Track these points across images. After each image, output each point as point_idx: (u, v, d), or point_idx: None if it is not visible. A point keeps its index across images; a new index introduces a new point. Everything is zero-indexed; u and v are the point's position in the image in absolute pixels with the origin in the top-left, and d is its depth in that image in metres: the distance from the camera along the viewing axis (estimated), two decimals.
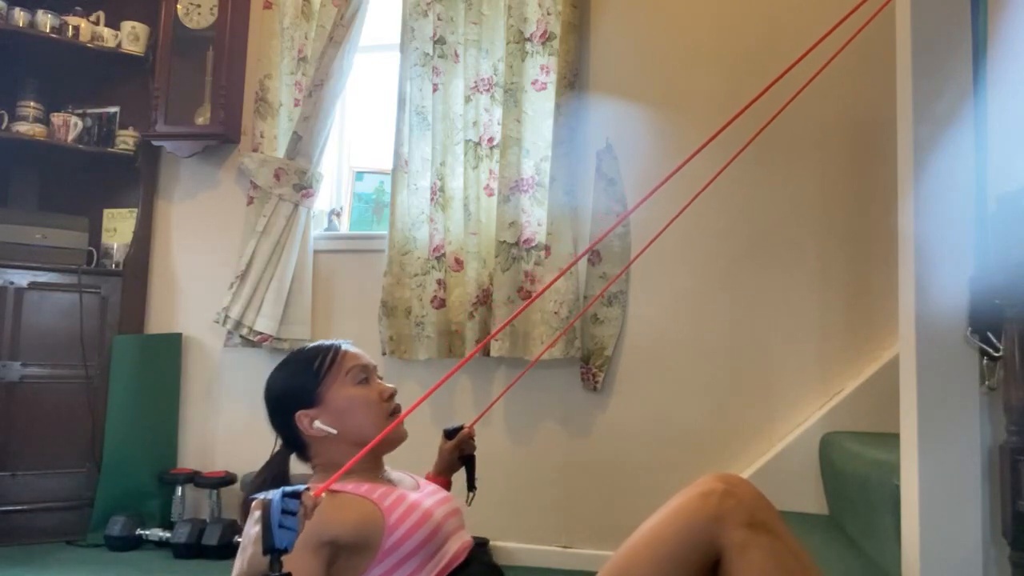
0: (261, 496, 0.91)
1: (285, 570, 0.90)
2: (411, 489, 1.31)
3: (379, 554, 1.16)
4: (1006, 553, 1.19)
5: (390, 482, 1.31)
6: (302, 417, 1.28)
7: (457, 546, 1.27)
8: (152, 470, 2.91)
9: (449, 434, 1.59)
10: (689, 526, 1.11)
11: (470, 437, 1.60)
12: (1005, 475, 1.18)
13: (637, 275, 2.63)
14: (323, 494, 0.95)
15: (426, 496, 1.29)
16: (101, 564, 2.56)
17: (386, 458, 1.35)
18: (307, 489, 0.92)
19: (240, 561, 1.03)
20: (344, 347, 1.34)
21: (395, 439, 1.31)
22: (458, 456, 1.59)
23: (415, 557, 1.18)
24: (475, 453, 1.60)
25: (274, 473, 1.32)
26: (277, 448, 1.35)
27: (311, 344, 1.36)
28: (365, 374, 1.32)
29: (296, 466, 1.35)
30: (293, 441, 1.32)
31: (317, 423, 1.27)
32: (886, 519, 1.56)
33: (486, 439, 2.68)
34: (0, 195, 3.17)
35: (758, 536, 1.10)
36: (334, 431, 1.26)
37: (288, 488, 0.92)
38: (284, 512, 0.90)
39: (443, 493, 1.37)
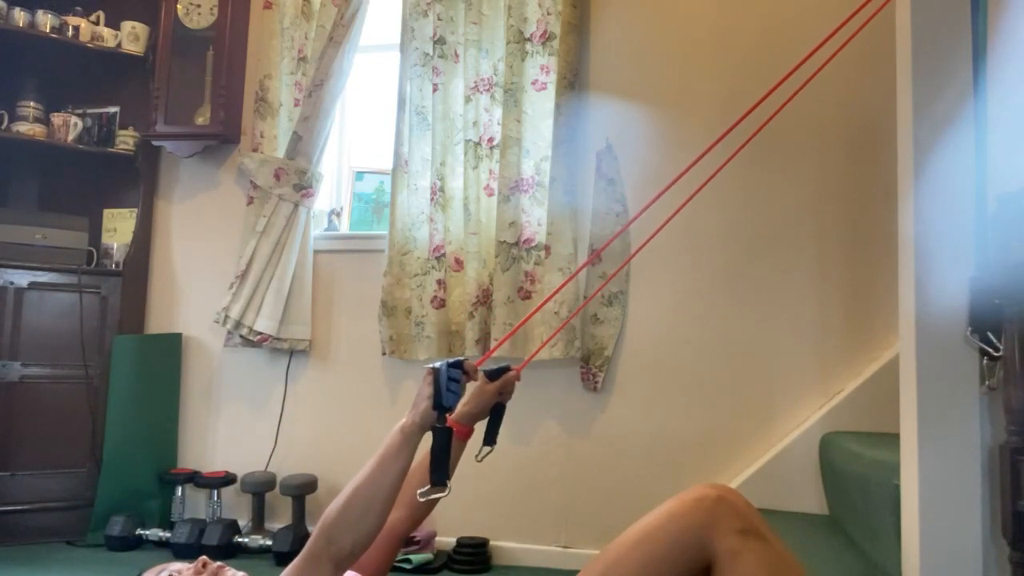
0: (432, 365, 1.18)
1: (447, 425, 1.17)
2: None
3: None
4: (1006, 553, 1.19)
5: None
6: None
7: None
8: (152, 470, 2.91)
9: (492, 376, 1.45)
10: (682, 529, 1.12)
11: (513, 382, 1.48)
12: (1005, 475, 1.18)
13: (637, 275, 2.63)
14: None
15: None
16: (101, 564, 2.56)
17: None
18: (466, 359, 1.21)
19: (411, 414, 1.19)
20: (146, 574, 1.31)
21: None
22: (494, 403, 1.47)
23: None
24: (507, 404, 1.50)
25: None
26: None
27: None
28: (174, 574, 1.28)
29: None
30: None
31: None
32: (886, 519, 1.56)
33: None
34: (0, 195, 3.17)
35: (750, 543, 1.10)
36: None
37: (451, 359, 1.19)
38: (450, 379, 1.16)
39: None
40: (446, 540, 2.64)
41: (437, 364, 1.18)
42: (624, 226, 2.62)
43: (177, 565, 1.30)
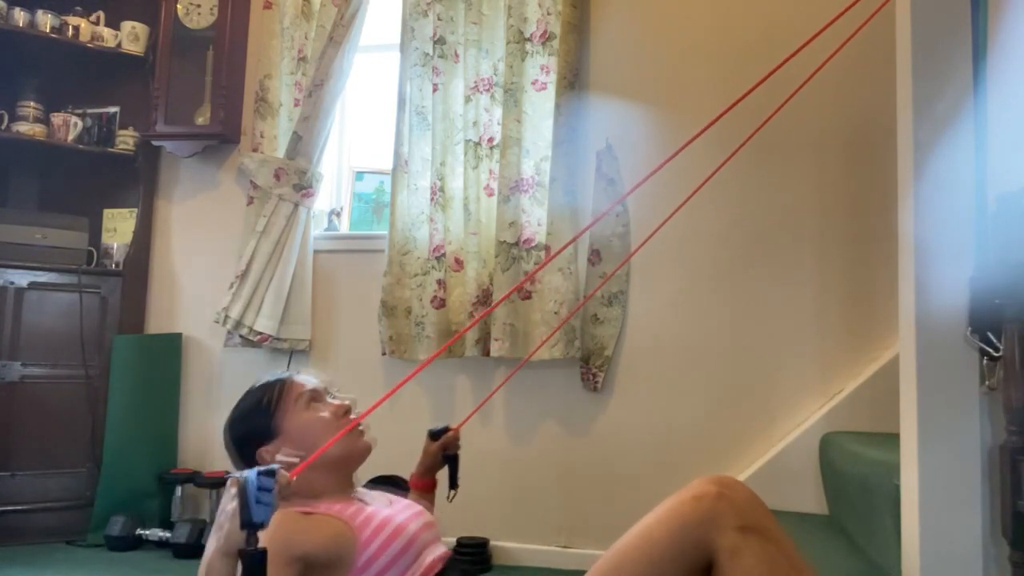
0: (236, 474, 0.94)
1: (261, 546, 0.92)
2: (383, 506, 1.33)
3: (353, 570, 1.19)
4: (1006, 553, 1.19)
5: (361, 501, 1.33)
6: (264, 453, 1.30)
7: (431, 558, 1.29)
8: (152, 470, 2.91)
9: (434, 435, 1.61)
10: (681, 527, 1.11)
11: (455, 439, 1.62)
12: (1005, 475, 1.18)
13: (637, 275, 2.63)
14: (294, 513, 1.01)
15: (399, 512, 1.32)
16: (101, 564, 2.56)
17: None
18: (279, 468, 0.96)
19: (216, 538, 1.01)
20: (292, 377, 1.37)
21: (356, 452, 1.34)
22: (442, 456, 1.62)
23: (391, 570, 1.21)
24: (458, 453, 1.63)
25: None
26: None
27: (259, 383, 1.39)
28: (314, 396, 1.35)
29: None
30: None
31: (279, 455, 1.28)
32: (886, 519, 1.56)
33: (486, 439, 2.69)
34: (0, 195, 3.17)
35: (750, 540, 1.09)
36: (296, 459, 1.25)
37: (262, 467, 0.95)
38: (260, 489, 0.93)
39: (416, 508, 1.38)
40: (446, 540, 2.62)
41: (244, 473, 0.95)
42: (616, 201, 2.61)
43: (321, 388, 1.37)
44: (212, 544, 1.02)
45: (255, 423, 1.33)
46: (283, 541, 1.10)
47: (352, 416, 1.37)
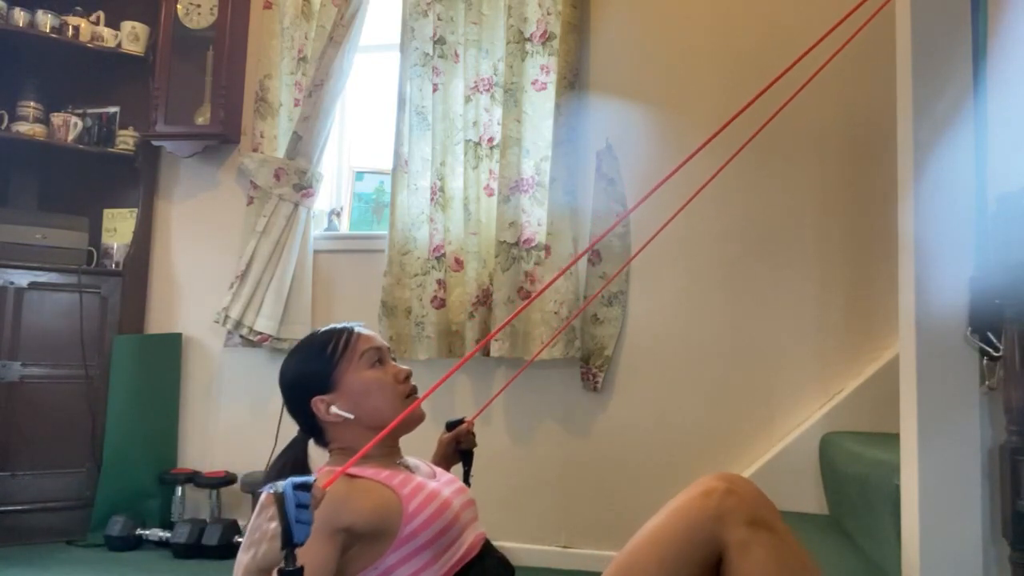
0: (269, 489, 0.89)
1: (299, 563, 0.88)
2: (428, 477, 1.30)
3: (395, 542, 1.14)
4: (1006, 553, 1.19)
5: (408, 468, 1.29)
6: (318, 403, 1.26)
7: (472, 538, 1.26)
8: (152, 470, 2.91)
9: (450, 426, 1.59)
10: (691, 525, 1.12)
11: (470, 432, 1.59)
12: (1005, 475, 1.18)
13: (637, 275, 2.64)
14: (338, 478, 0.96)
15: (444, 485, 1.28)
16: (101, 564, 2.56)
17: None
18: (315, 480, 0.90)
19: (249, 556, 0.97)
20: (357, 330, 1.33)
21: (412, 421, 1.29)
22: (456, 449, 1.58)
23: (431, 547, 1.17)
24: (474, 449, 1.60)
25: (293, 458, 1.30)
26: (296, 435, 1.33)
27: (324, 328, 1.34)
28: (379, 356, 1.32)
29: (314, 451, 1.34)
30: (310, 427, 1.31)
31: (334, 408, 1.25)
32: (886, 519, 1.56)
33: (486, 439, 2.67)
34: (0, 195, 3.17)
35: (759, 534, 1.10)
36: (351, 416, 1.25)
37: (297, 480, 0.89)
38: (299, 506, 0.89)
39: (459, 483, 1.35)
40: None
41: (279, 487, 0.89)
42: (620, 217, 2.62)
43: (385, 347, 1.35)
44: (244, 559, 0.98)
45: (315, 370, 1.28)
46: (330, 512, 1.05)
47: (411, 383, 1.33)
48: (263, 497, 0.95)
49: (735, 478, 1.17)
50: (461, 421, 1.59)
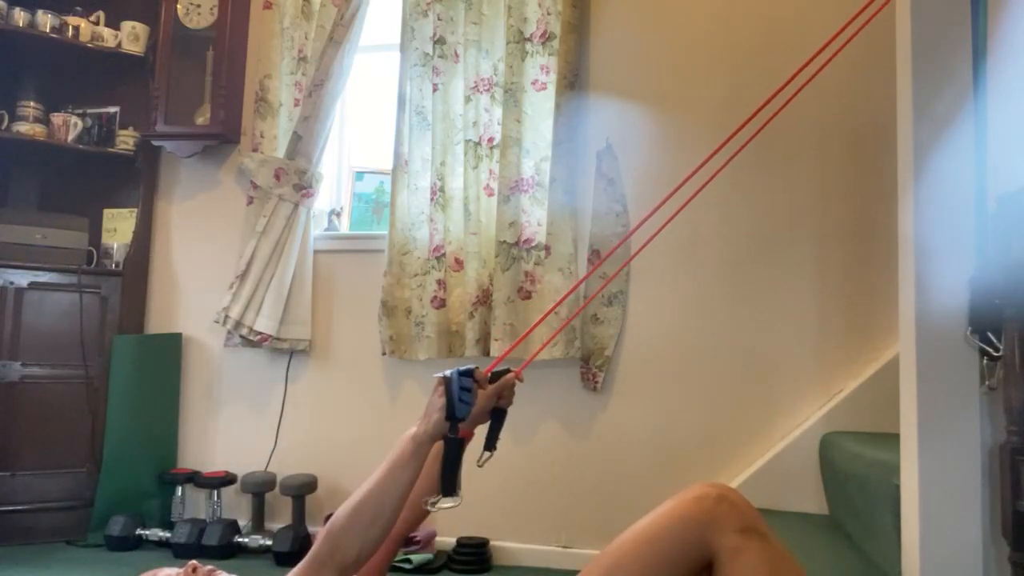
0: (441, 374, 1.18)
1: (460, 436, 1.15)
2: None
3: None
4: (1006, 553, 1.19)
5: None
6: None
7: None
8: (152, 470, 2.91)
9: (492, 376, 1.37)
10: (683, 529, 1.12)
11: (511, 385, 1.39)
12: (1005, 475, 1.18)
13: (637, 275, 2.63)
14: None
15: None
16: (101, 564, 2.56)
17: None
18: (476, 367, 1.21)
19: (424, 424, 1.20)
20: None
21: None
22: (492, 407, 1.39)
23: None
24: (507, 410, 1.43)
25: None
26: None
27: None
28: None
29: None
30: None
31: None
32: (886, 519, 1.56)
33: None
34: (0, 195, 3.17)
35: (751, 540, 1.10)
36: None
37: (462, 368, 1.18)
38: (462, 388, 1.17)
39: None
40: (446, 540, 2.64)
41: (448, 372, 1.17)
42: (630, 232, 2.61)
43: (168, 571, 1.28)
44: (419, 428, 1.21)
45: None
46: None
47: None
48: (437, 380, 1.20)
49: (726, 487, 1.18)
50: (506, 371, 1.39)
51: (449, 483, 1.20)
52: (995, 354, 1.26)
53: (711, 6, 2.64)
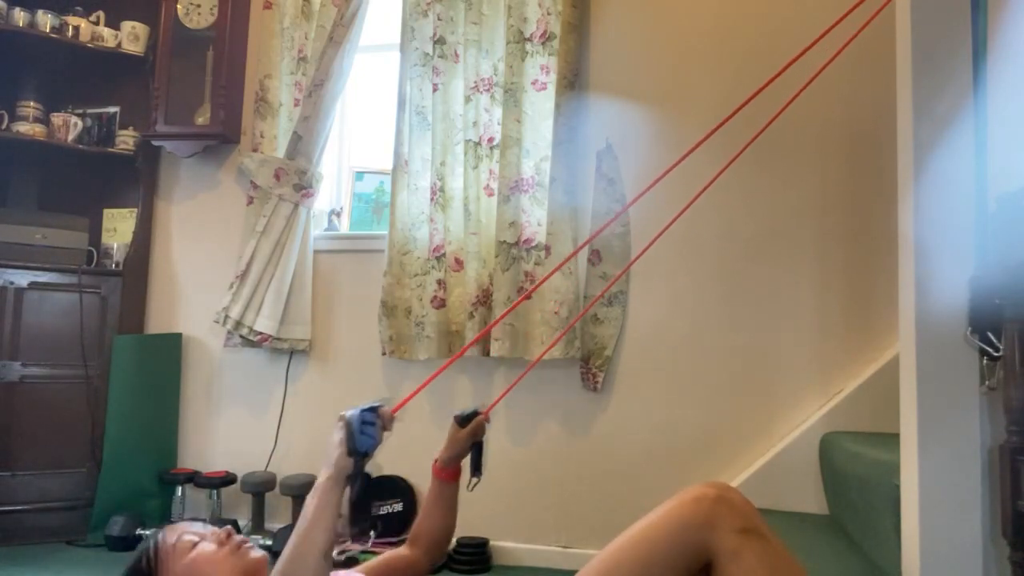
0: (343, 413, 1.13)
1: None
2: None
3: None
4: (1006, 553, 1.19)
5: None
6: None
7: None
8: (152, 470, 2.91)
9: (462, 421, 1.50)
10: (682, 529, 1.12)
11: (483, 425, 1.52)
12: (1005, 475, 1.18)
13: (637, 275, 2.63)
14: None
15: None
16: (101, 564, 2.56)
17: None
18: (382, 404, 1.14)
19: (326, 464, 1.14)
20: (161, 535, 1.29)
21: (250, 569, 1.26)
22: (470, 444, 1.52)
23: None
24: (484, 439, 1.53)
25: None
26: None
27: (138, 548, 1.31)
28: (195, 538, 1.27)
29: None
30: None
31: None
32: (886, 519, 1.56)
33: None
34: (0, 195, 3.17)
35: (750, 541, 1.10)
36: None
37: (366, 404, 1.14)
38: (364, 423, 1.12)
39: None
40: None
41: (350, 412, 1.14)
42: (620, 211, 2.61)
43: (198, 528, 1.29)
44: (323, 474, 1.15)
45: None
46: None
47: (234, 537, 1.29)
48: (339, 418, 1.15)
49: (725, 487, 1.17)
50: (474, 413, 1.51)
51: (359, 523, 1.16)
52: (995, 354, 1.26)
53: (711, 6, 2.64)
